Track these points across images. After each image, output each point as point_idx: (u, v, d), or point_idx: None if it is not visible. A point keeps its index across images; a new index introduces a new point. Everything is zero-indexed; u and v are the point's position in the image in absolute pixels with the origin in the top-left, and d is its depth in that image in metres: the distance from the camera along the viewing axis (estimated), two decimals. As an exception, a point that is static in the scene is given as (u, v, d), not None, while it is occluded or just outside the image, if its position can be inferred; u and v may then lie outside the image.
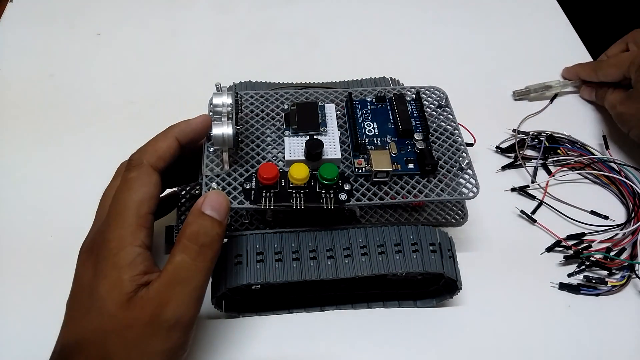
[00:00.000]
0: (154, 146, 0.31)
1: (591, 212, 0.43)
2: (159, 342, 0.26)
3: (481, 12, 0.61)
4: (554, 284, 0.39)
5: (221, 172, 0.32)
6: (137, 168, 0.29)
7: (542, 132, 0.47)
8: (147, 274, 0.27)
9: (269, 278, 0.31)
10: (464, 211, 0.38)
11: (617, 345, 0.37)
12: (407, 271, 0.32)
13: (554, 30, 0.59)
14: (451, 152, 0.35)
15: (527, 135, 0.47)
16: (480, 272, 0.39)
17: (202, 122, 0.32)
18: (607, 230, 0.42)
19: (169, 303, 0.26)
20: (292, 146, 0.33)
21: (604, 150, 0.47)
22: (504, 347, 0.36)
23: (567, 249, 0.41)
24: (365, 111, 0.36)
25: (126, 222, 0.27)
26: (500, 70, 0.54)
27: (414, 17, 0.60)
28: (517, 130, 0.48)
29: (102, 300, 0.26)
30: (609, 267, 0.39)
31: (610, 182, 0.45)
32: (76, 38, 0.56)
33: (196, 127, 0.32)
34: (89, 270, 0.27)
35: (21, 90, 0.51)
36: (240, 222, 0.34)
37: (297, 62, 0.55)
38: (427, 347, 0.36)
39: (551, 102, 0.50)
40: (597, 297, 0.39)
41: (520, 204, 0.43)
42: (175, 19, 0.59)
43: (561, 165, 0.46)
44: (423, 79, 0.40)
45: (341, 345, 0.36)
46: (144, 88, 0.52)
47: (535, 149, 0.47)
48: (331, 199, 0.31)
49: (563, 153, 0.47)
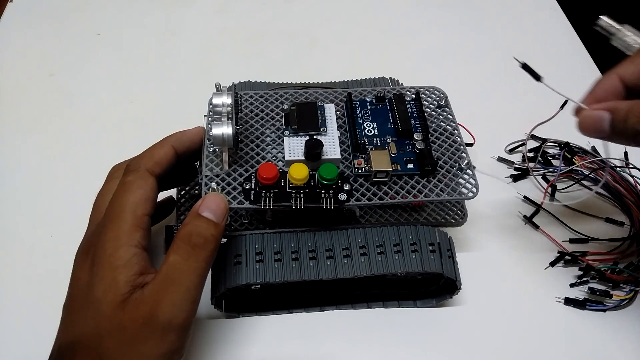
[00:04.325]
0: (150, 152, 0.31)
1: (606, 220, 0.42)
2: (154, 344, 0.26)
3: (481, 12, 0.61)
4: (559, 299, 0.38)
5: (221, 172, 0.32)
6: (134, 172, 0.30)
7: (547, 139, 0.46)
8: (143, 274, 0.27)
9: (268, 278, 0.31)
10: (464, 211, 0.37)
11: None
12: (406, 271, 0.32)
13: (554, 30, 0.59)
14: (451, 152, 0.35)
15: (542, 142, 0.46)
16: (480, 272, 0.39)
17: (197, 132, 0.33)
18: (612, 240, 0.41)
19: (162, 304, 0.26)
20: (291, 146, 0.33)
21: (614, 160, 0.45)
22: (504, 347, 0.36)
23: (570, 255, 0.40)
24: (365, 111, 0.36)
25: (122, 223, 0.28)
26: (500, 70, 0.54)
27: (414, 17, 0.60)
28: (530, 134, 0.45)
29: (98, 302, 0.26)
30: (616, 280, 0.38)
31: (624, 193, 0.43)
32: (76, 38, 0.56)
33: (192, 137, 0.33)
34: (85, 272, 0.27)
35: (21, 90, 0.51)
36: (240, 222, 0.34)
37: (297, 62, 0.55)
38: (427, 347, 0.36)
39: (561, 108, 0.49)
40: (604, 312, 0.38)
41: (523, 209, 0.43)
42: (175, 19, 0.59)
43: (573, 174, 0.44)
44: (423, 79, 0.40)
45: (341, 345, 0.36)
46: (144, 88, 0.52)
47: (545, 155, 0.46)
48: (331, 199, 0.31)
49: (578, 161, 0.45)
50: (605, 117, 0.30)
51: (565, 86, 0.50)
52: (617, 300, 0.38)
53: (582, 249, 0.41)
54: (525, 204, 0.44)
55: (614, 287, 0.39)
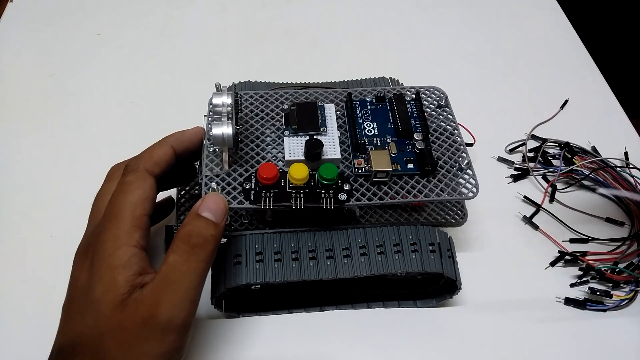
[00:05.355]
0: (149, 153, 0.31)
1: (606, 220, 0.42)
2: (154, 344, 0.26)
3: (481, 12, 0.61)
4: (559, 299, 0.38)
5: (221, 172, 0.32)
6: (133, 172, 0.30)
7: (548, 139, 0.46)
8: (142, 274, 0.27)
9: (268, 278, 0.31)
10: (464, 211, 0.37)
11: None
12: (406, 271, 0.32)
13: (554, 30, 0.59)
14: (451, 152, 0.35)
15: (542, 142, 0.46)
16: (480, 272, 0.39)
17: (196, 132, 0.33)
18: (612, 240, 0.41)
19: (161, 304, 0.26)
20: (291, 146, 0.33)
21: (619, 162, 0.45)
22: (504, 347, 0.36)
23: (570, 255, 0.40)
24: (365, 111, 0.36)
25: (121, 223, 0.28)
26: (500, 70, 0.54)
27: (414, 17, 0.60)
28: (530, 134, 0.45)
29: (97, 302, 0.26)
30: (616, 280, 0.38)
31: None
32: (76, 38, 0.56)
33: (191, 137, 0.33)
34: (84, 272, 0.27)
35: (21, 90, 0.51)
36: (240, 222, 0.34)
37: (297, 62, 0.55)
38: (427, 347, 0.36)
39: (562, 108, 0.49)
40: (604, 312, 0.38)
41: (523, 209, 0.43)
42: (175, 19, 0.59)
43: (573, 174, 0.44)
44: (423, 79, 0.40)
45: (341, 345, 0.36)
46: (144, 88, 0.52)
47: (545, 155, 0.46)
48: (331, 199, 0.31)
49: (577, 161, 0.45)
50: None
51: (565, 86, 0.51)
52: (617, 300, 0.38)
53: (582, 249, 0.41)
54: (525, 204, 0.44)
55: (614, 287, 0.39)
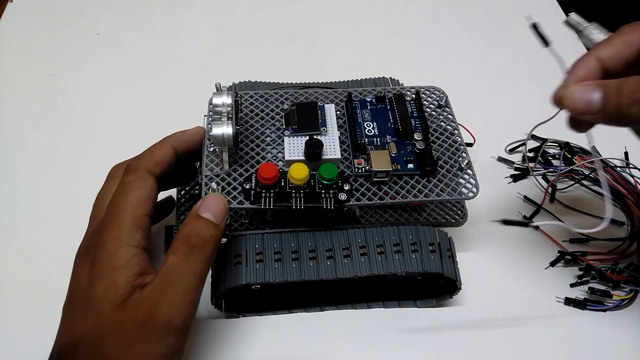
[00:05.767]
0: (150, 153, 0.31)
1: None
2: (153, 345, 0.26)
3: (481, 12, 0.61)
4: (559, 299, 0.38)
5: (221, 172, 0.32)
6: (134, 172, 0.30)
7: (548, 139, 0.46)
8: (143, 275, 0.27)
9: (268, 278, 0.31)
10: (464, 211, 0.37)
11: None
12: (406, 271, 0.32)
13: (554, 31, 0.59)
14: (451, 152, 0.35)
15: (542, 142, 0.46)
16: (481, 272, 0.39)
17: (197, 132, 0.33)
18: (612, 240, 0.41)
19: (161, 305, 0.26)
20: (291, 146, 0.33)
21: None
22: (504, 347, 0.36)
23: (570, 255, 0.40)
24: (365, 111, 0.36)
25: (122, 223, 0.28)
26: (500, 70, 0.54)
27: (414, 17, 0.60)
28: (530, 134, 0.45)
29: (97, 302, 0.26)
30: (616, 280, 0.38)
31: (624, 193, 0.43)
32: (76, 38, 0.56)
33: (192, 137, 0.33)
34: (85, 272, 0.27)
35: (21, 90, 0.51)
36: (240, 222, 0.34)
37: (297, 62, 0.55)
38: (427, 347, 0.36)
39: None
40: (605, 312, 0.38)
41: (523, 209, 0.43)
42: (175, 19, 0.59)
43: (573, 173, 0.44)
44: (423, 79, 0.40)
45: (341, 345, 0.36)
46: (144, 88, 0.52)
47: (545, 155, 0.46)
48: (331, 199, 0.31)
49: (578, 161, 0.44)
50: (597, 93, 0.27)
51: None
52: (617, 300, 0.38)
53: (582, 249, 0.40)
54: (526, 204, 0.44)
55: (614, 287, 0.39)
